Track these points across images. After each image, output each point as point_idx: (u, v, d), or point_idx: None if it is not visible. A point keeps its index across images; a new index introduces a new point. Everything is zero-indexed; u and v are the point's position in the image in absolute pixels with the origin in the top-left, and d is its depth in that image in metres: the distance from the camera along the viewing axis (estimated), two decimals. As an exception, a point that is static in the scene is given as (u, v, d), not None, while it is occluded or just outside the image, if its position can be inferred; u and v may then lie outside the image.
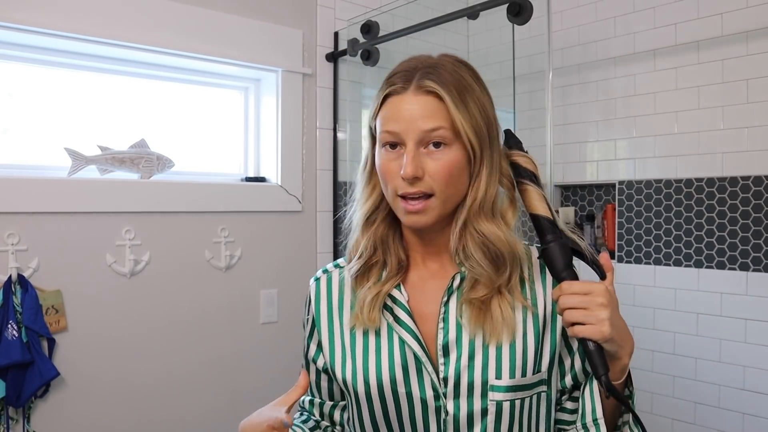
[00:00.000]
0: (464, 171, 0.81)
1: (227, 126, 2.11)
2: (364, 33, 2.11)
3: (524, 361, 0.82)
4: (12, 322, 1.47)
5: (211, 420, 1.89)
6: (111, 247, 1.70)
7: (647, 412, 2.18)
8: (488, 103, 0.83)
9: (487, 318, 0.81)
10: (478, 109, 0.80)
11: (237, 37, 1.93)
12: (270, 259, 2.00)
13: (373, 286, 0.86)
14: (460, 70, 0.82)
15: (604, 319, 0.73)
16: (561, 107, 2.42)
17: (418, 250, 0.89)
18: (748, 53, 1.92)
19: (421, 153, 0.79)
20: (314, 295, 0.94)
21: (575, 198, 2.51)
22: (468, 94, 0.80)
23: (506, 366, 0.81)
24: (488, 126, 0.81)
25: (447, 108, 0.78)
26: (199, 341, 1.87)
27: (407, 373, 0.83)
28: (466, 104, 0.79)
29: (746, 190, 1.94)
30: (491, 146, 0.82)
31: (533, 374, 0.83)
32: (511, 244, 0.82)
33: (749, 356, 1.92)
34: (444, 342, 0.83)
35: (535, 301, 0.85)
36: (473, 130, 0.79)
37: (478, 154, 0.80)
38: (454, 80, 0.80)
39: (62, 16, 1.59)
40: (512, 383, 0.81)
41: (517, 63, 1.93)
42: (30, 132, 1.70)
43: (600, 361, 0.74)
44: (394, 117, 0.80)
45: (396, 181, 0.80)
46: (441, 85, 0.78)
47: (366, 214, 0.88)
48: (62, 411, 1.60)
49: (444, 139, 0.78)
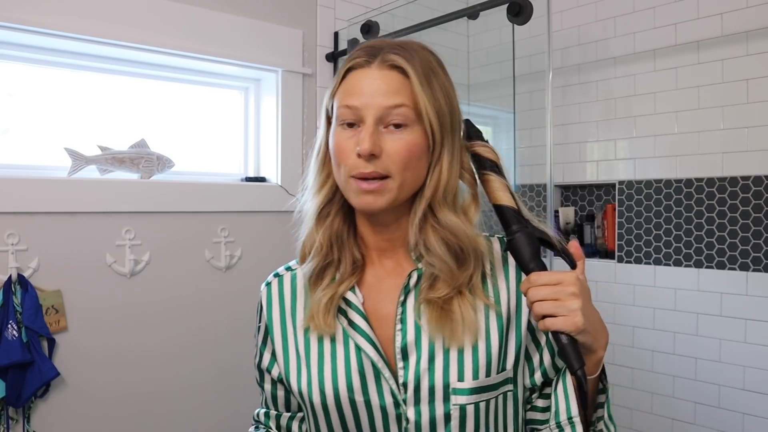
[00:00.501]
0: (424, 156, 0.77)
1: (227, 126, 2.11)
2: (364, 33, 2.11)
3: (488, 360, 0.78)
4: (12, 322, 1.47)
5: (212, 420, 1.89)
6: (111, 247, 1.70)
7: (647, 412, 2.19)
8: (453, 92, 0.80)
9: (447, 320, 0.77)
10: (443, 94, 0.77)
11: (237, 37, 1.93)
12: (270, 259, 2.00)
13: (328, 287, 0.81)
14: (426, 53, 0.79)
15: (576, 310, 0.69)
16: (561, 107, 2.42)
17: (373, 246, 0.83)
18: (748, 53, 1.93)
19: (380, 131, 0.74)
20: (266, 301, 0.88)
21: (575, 198, 2.51)
22: (434, 76, 0.76)
23: (469, 367, 0.77)
24: (451, 113, 0.78)
25: (412, 86, 0.74)
26: (198, 342, 1.87)
27: (365, 381, 0.78)
28: (431, 86, 0.75)
29: (746, 190, 1.94)
30: (453, 135, 0.78)
31: (497, 373, 0.78)
32: (473, 239, 0.78)
33: (749, 356, 1.93)
34: (402, 345, 0.78)
35: (498, 297, 0.81)
36: (436, 114, 0.75)
37: (438, 139, 0.76)
38: (421, 60, 0.76)
39: (62, 16, 1.59)
40: (476, 385, 0.77)
41: (517, 63, 1.93)
42: (30, 132, 1.69)
43: (575, 355, 0.70)
44: (355, 91, 0.75)
45: (350, 160, 0.74)
46: (408, 62, 0.74)
47: (319, 207, 0.82)
48: (62, 411, 1.60)
49: (406, 119, 0.74)
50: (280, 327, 0.86)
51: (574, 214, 2.48)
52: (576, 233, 2.44)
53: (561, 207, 2.50)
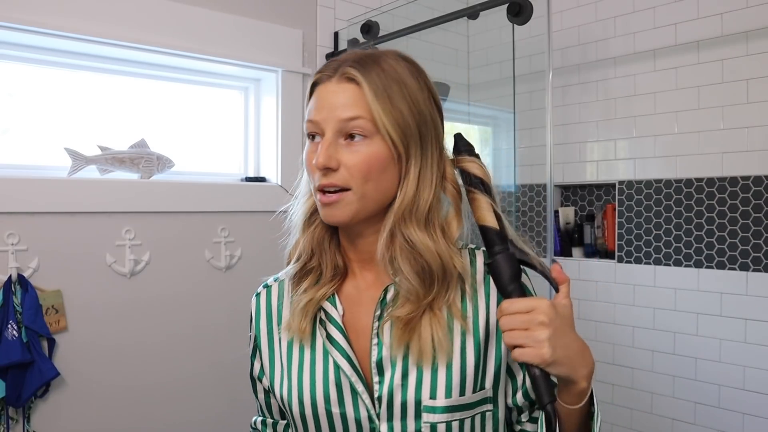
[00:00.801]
0: (389, 169, 0.75)
1: (227, 126, 2.11)
2: (364, 33, 2.11)
3: (462, 379, 0.76)
4: (12, 322, 1.47)
5: (211, 419, 1.89)
6: (111, 247, 1.70)
7: (647, 412, 2.18)
8: (425, 102, 0.77)
9: (413, 338, 0.76)
10: (407, 104, 0.75)
11: (237, 37, 1.93)
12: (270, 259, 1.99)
13: (307, 291, 0.81)
14: (397, 63, 0.77)
15: (543, 341, 0.67)
16: (561, 107, 2.42)
17: (354, 258, 0.83)
18: (748, 53, 1.93)
19: (339, 144, 0.75)
20: (254, 312, 0.89)
21: (575, 198, 2.51)
22: (397, 86, 0.74)
23: (442, 385, 0.76)
24: (420, 124, 0.76)
25: (365, 98, 0.73)
26: (199, 341, 1.87)
27: (341, 393, 0.78)
28: (390, 96, 0.74)
29: (746, 190, 1.94)
30: (423, 146, 0.76)
31: (474, 392, 0.77)
32: (443, 257, 0.76)
33: (749, 356, 1.93)
34: (377, 359, 0.77)
35: (476, 316, 0.79)
36: (396, 125, 0.74)
37: (403, 151, 0.75)
38: (383, 71, 0.75)
39: (62, 16, 1.59)
40: (448, 403, 0.75)
41: (517, 63, 1.93)
42: (30, 132, 1.70)
43: (545, 388, 0.68)
44: (317, 106, 0.76)
45: (316, 173, 0.76)
46: (363, 74, 0.74)
47: (306, 214, 0.83)
48: (62, 411, 1.60)
49: (363, 131, 0.73)
50: (266, 337, 0.87)
51: (574, 214, 2.48)
52: (576, 233, 2.44)
53: (561, 207, 2.50)
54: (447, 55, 2.58)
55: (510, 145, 2.48)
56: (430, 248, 0.75)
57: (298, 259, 0.84)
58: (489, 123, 2.69)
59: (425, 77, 0.80)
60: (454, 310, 0.78)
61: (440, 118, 0.81)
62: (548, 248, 1.91)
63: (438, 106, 0.81)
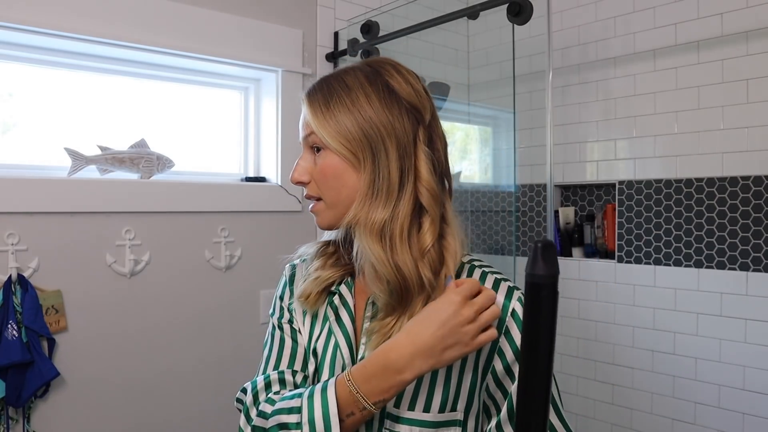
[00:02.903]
0: (345, 176, 0.78)
1: (227, 126, 2.11)
2: (364, 33, 2.11)
3: (429, 395, 0.76)
4: (12, 322, 1.47)
5: (211, 419, 1.89)
6: (111, 247, 1.70)
7: (647, 412, 2.18)
8: (379, 110, 0.77)
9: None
10: (352, 116, 0.76)
11: (237, 37, 1.93)
12: (270, 259, 2.00)
13: (322, 269, 0.86)
14: (354, 76, 0.79)
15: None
16: (561, 107, 2.42)
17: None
18: (748, 53, 1.92)
19: (314, 157, 0.81)
20: (289, 278, 0.93)
21: (575, 198, 2.51)
22: (340, 99, 0.77)
23: (407, 397, 0.76)
24: (368, 132, 0.76)
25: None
26: (199, 341, 1.87)
27: (333, 373, 0.82)
28: (332, 110, 0.77)
29: (746, 190, 1.94)
30: (375, 152, 0.76)
31: (441, 412, 0.75)
32: (402, 268, 0.74)
33: (749, 356, 1.92)
34: (362, 356, 0.80)
35: None
36: (338, 136, 0.76)
37: (353, 159, 0.77)
38: (330, 86, 0.79)
39: (62, 16, 1.59)
40: (411, 416, 0.75)
41: (517, 63, 1.93)
42: (30, 132, 1.70)
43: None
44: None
45: None
46: (309, 94, 0.80)
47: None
48: (62, 411, 1.60)
49: (319, 144, 0.79)
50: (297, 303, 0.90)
51: (574, 214, 2.48)
52: (576, 233, 2.44)
53: (561, 207, 2.50)
54: (447, 55, 2.58)
55: (510, 145, 2.48)
56: (382, 260, 0.74)
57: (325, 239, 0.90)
58: (489, 123, 2.69)
59: (385, 86, 0.78)
60: None
61: (416, 118, 0.79)
62: (548, 248, 1.91)
63: (409, 107, 0.78)
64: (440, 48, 2.55)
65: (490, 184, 2.64)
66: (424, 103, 0.80)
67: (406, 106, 0.78)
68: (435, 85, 2.43)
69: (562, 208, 2.48)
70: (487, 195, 2.61)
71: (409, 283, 0.75)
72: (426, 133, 0.79)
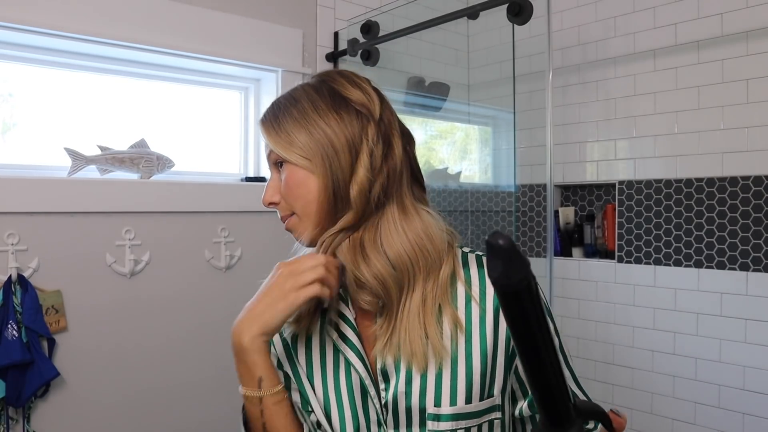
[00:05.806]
0: (309, 183, 0.78)
1: (227, 126, 2.11)
2: (364, 33, 2.11)
3: (468, 386, 0.75)
4: (12, 322, 1.47)
5: (211, 418, 1.89)
6: (111, 247, 1.70)
7: (647, 412, 2.18)
8: (322, 116, 0.78)
9: (402, 348, 0.76)
10: (299, 125, 0.78)
11: (237, 37, 1.93)
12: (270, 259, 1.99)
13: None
14: (294, 91, 0.82)
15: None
16: (561, 107, 2.42)
17: None
18: (748, 53, 1.93)
19: (279, 175, 0.82)
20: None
21: (575, 198, 2.51)
22: (288, 112, 0.80)
23: (446, 392, 0.75)
24: (318, 139, 0.77)
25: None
26: (199, 342, 1.87)
27: (352, 392, 0.79)
28: (282, 124, 0.80)
29: (746, 190, 1.94)
30: (325, 162, 0.77)
31: (481, 400, 0.75)
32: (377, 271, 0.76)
33: (749, 356, 1.92)
34: (381, 365, 0.78)
35: (483, 321, 0.77)
36: (293, 146, 0.78)
37: (308, 166, 0.78)
38: (279, 104, 0.82)
39: (62, 15, 1.59)
40: (453, 411, 0.74)
41: (517, 63, 1.93)
42: (30, 132, 1.70)
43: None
44: None
45: None
46: (263, 116, 0.83)
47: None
48: (62, 411, 1.60)
49: (280, 159, 0.80)
50: (284, 353, 0.91)
51: (574, 214, 2.48)
52: (576, 233, 2.44)
53: (561, 207, 2.50)
54: (447, 55, 2.58)
55: (510, 145, 2.48)
56: (348, 261, 0.77)
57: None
58: (489, 123, 2.69)
59: (331, 86, 0.80)
60: (449, 314, 0.77)
61: (365, 117, 0.78)
62: (548, 248, 1.92)
63: (359, 106, 0.79)
64: (440, 48, 2.55)
65: (490, 184, 2.64)
66: (373, 100, 0.80)
67: (355, 108, 0.79)
68: (435, 85, 2.43)
69: (562, 208, 2.48)
70: (487, 195, 2.61)
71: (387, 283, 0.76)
72: (377, 129, 0.78)
